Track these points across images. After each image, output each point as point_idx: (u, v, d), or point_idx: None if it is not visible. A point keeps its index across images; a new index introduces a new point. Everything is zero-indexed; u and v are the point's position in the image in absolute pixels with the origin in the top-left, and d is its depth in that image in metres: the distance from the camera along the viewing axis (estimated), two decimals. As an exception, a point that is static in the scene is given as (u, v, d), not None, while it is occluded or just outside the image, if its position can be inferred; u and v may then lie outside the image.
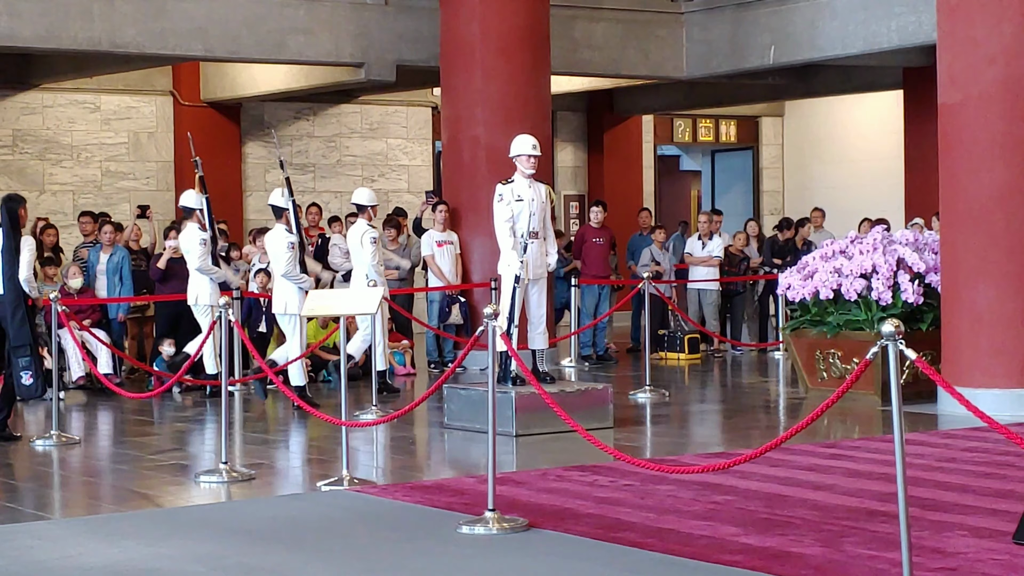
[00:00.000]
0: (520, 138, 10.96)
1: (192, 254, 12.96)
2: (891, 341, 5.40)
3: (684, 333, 16.59)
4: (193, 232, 12.99)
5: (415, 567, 6.26)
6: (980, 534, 6.55)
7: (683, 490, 7.81)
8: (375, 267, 12.98)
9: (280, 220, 12.29)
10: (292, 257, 12.14)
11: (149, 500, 8.28)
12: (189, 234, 13.03)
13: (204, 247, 12.92)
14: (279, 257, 12.18)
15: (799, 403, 12.61)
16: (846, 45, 16.69)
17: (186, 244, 13.08)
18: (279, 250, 12.19)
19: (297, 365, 12.16)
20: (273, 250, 12.33)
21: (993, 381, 11.13)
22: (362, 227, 13.14)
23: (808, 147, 24.41)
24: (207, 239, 12.97)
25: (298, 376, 12.23)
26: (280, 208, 12.27)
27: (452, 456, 10.20)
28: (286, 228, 12.22)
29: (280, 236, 12.23)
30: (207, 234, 12.97)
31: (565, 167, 22.85)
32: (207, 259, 12.95)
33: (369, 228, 13.11)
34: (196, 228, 13.00)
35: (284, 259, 12.13)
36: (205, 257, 12.93)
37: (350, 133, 20.90)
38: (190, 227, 13.06)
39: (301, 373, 12.27)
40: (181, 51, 15.65)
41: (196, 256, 12.92)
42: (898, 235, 12.87)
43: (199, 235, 12.94)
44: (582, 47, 17.83)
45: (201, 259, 12.91)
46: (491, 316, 7.23)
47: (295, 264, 12.16)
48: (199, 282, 13.00)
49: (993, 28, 11.16)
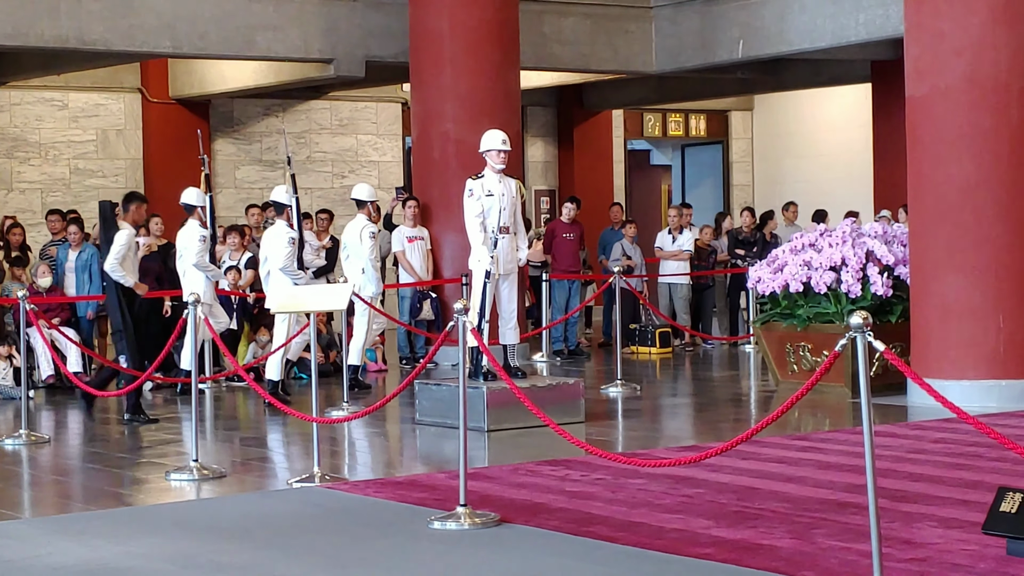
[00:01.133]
0: (490, 133, 10.96)
1: (190, 250, 13.00)
2: (860, 333, 5.42)
3: (655, 327, 16.62)
4: (194, 229, 13.05)
5: (387, 563, 6.26)
6: (949, 525, 6.59)
7: (654, 483, 7.82)
8: (373, 262, 13.13)
9: (281, 216, 12.41)
10: (291, 252, 12.24)
11: (119, 499, 8.26)
12: (189, 231, 13.09)
13: (203, 244, 12.98)
14: (278, 252, 12.27)
15: (770, 396, 12.66)
16: (814, 39, 16.74)
17: (185, 240, 13.13)
18: (278, 245, 12.28)
19: (276, 359, 12.19)
20: (272, 245, 12.41)
21: (962, 372, 11.19)
22: (361, 222, 13.33)
23: (778, 141, 24.47)
24: (207, 236, 13.02)
25: (275, 371, 12.25)
26: (282, 204, 12.40)
27: (424, 452, 10.20)
28: (287, 224, 12.33)
29: (281, 232, 12.32)
30: (207, 232, 13.03)
31: (535, 162, 22.85)
32: (205, 256, 12.99)
33: (368, 223, 13.32)
34: (197, 225, 13.05)
35: (283, 254, 12.23)
36: (203, 254, 12.97)
37: (320, 129, 20.85)
38: (191, 224, 13.11)
39: (279, 368, 12.29)
40: (149, 48, 15.58)
41: (194, 252, 12.96)
42: (867, 228, 12.92)
43: (199, 232, 12.99)
44: (551, 42, 17.84)
45: (199, 255, 12.94)
46: (462, 312, 7.23)
47: (293, 260, 12.28)
48: (196, 279, 13.04)
49: (960, 21, 11.21)
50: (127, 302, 11.26)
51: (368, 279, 13.24)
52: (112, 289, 11.31)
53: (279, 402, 9.60)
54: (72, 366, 13.45)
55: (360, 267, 13.20)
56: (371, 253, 13.16)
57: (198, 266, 12.94)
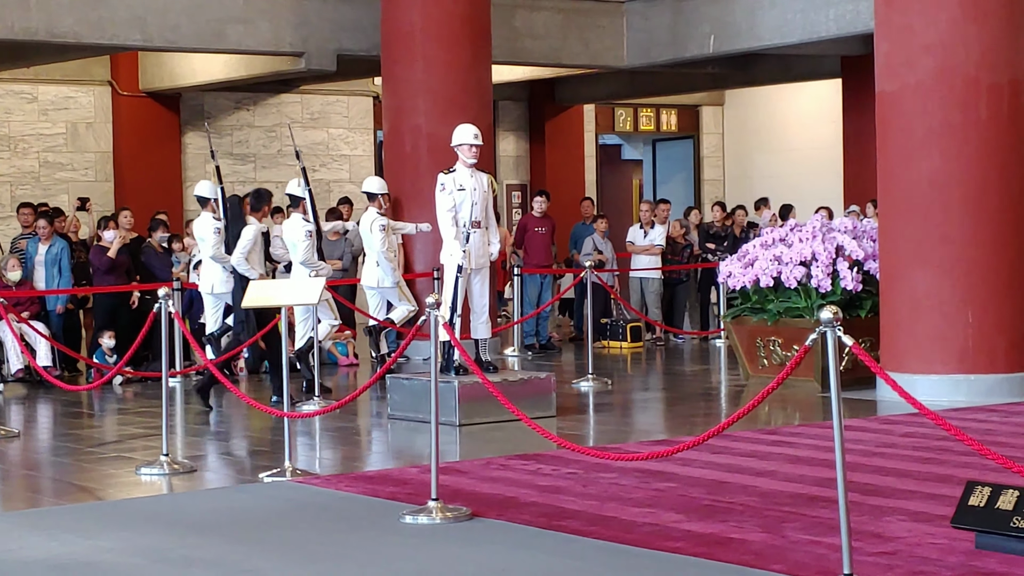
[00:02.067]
0: (461, 127, 10.96)
1: (207, 242, 13.09)
2: (829, 328, 5.45)
3: (626, 322, 16.65)
4: (208, 221, 13.13)
5: (358, 557, 6.26)
6: (919, 518, 6.63)
7: (626, 478, 7.84)
8: (384, 254, 13.24)
9: (297, 209, 12.50)
10: (310, 245, 12.35)
11: (90, 493, 8.23)
12: (203, 223, 13.18)
13: (219, 236, 13.02)
14: (297, 245, 12.39)
15: (740, 390, 12.70)
16: (785, 34, 16.78)
17: (200, 232, 13.23)
18: (297, 238, 12.38)
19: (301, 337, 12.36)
20: (291, 238, 12.51)
21: (930, 367, 11.25)
22: (372, 215, 13.49)
23: (748, 136, 24.54)
24: (221, 228, 13.06)
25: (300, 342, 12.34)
26: (297, 197, 12.50)
27: (395, 446, 10.20)
28: (303, 217, 12.43)
29: (298, 224, 12.42)
30: (222, 223, 13.07)
31: (507, 156, 22.85)
32: (220, 247, 13.03)
33: (379, 216, 13.40)
34: (211, 217, 13.13)
35: (303, 247, 12.34)
36: (219, 246, 13.01)
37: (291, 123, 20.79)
38: (204, 216, 13.21)
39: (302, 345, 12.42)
40: (119, 41, 15.50)
41: (211, 244, 13.04)
42: (837, 223, 12.97)
43: (214, 224, 13.06)
44: (523, 36, 17.84)
45: (215, 247, 13.01)
46: (434, 306, 7.23)
47: (313, 252, 12.38)
48: (213, 270, 13.12)
49: (930, 17, 11.26)
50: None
51: (384, 271, 13.34)
52: (237, 282, 11.86)
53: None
54: (42, 360, 13.39)
55: (375, 260, 13.31)
56: (382, 245, 13.29)
57: (214, 258, 13.06)
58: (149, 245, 14.88)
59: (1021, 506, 5.79)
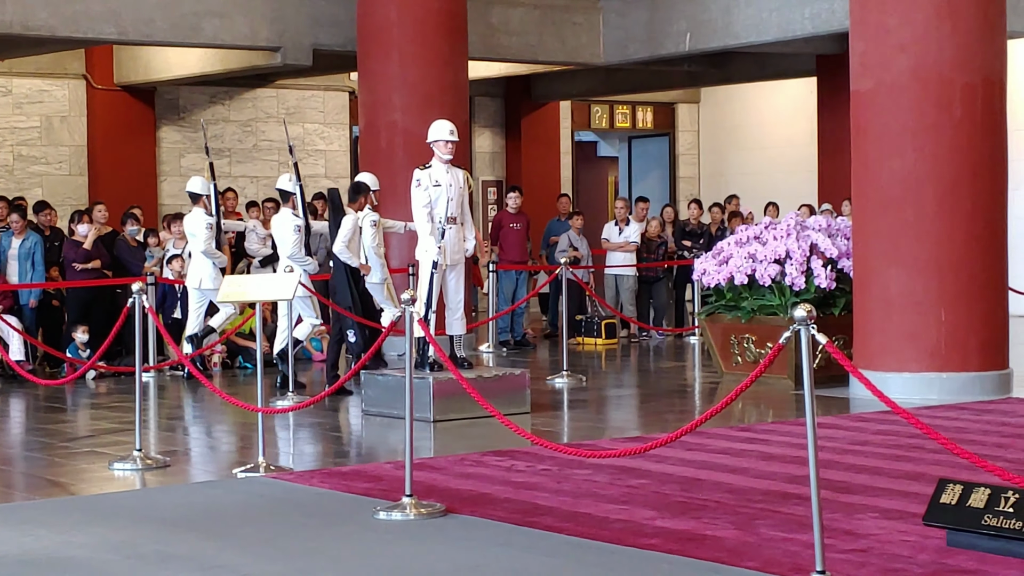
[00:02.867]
0: (437, 123, 10.95)
1: (198, 237, 13.22)
2: (803, 326, 5.47)
3: (601, 318, 16.67)
4: (199, 216, 13.26)
5: (332, 553, 6.25)
6: (891, 516, 6.65)
7: (600, 474, 7.85)
8: (376, 249, 13.20)
9: (287, 204, 12.59)
10: (298, 240, 12.43)
11: (62, 488, 8.20)
12: (195, 218, 13.31)
13: (210, 231, 13.19)
14: (286, 240, 12.45)
15: (714, 387, 12.73)
16: (760, 32, 16.82)
17: (192, 228, 13.34)
18: (286, 233, 12.45)
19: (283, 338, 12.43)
20: (280, 233, 12.58)
21: (903, 365, 11.29)
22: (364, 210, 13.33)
23: (724, 134, 24.58)
24: (213, 224, 13.23)
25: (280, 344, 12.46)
26: (287, 192, 12.58)
27: (369, 442, 10.19)
28: (293, 212, 12.52)
29: (287, 219, 12.50)
30: (213, 219, 13.24)
31: (483, 153, 22.85)
32: (211, 243, 13.21)
33: (370, 212, 13.32)
34: (202, 212, 13.28)
35: (291, 241, 12.40)
36: (210, 241, 13.19)
37: (266, 118, 20.75)
38: (196, 211, 13.36)
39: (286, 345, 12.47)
40: (94, 34, 15.43)
41: (202, 240, 13.18)
42: (811, 221, 13.01)
43: (205, 219, 13.22)
44: (499, 33, 17.83)
45: (207, 243, 13.16)
46: (409, 302, 7.23)
47: (301, 247, 12.45)
48: (202, 265, 13.23)
49: (905, 17, 11.30)
50: (353, 281, 12.17)
51: (373, 267, 13.33)
52: (340, 269, 12.20)
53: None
54: (14, 354, 13.32)
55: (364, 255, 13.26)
56: (373, 241, 13.21)
57: (206, 253, 13.18)
58: (123, 239, 14.83)
59: (992, 504, 5.82)
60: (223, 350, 14.10)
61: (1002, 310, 11.59)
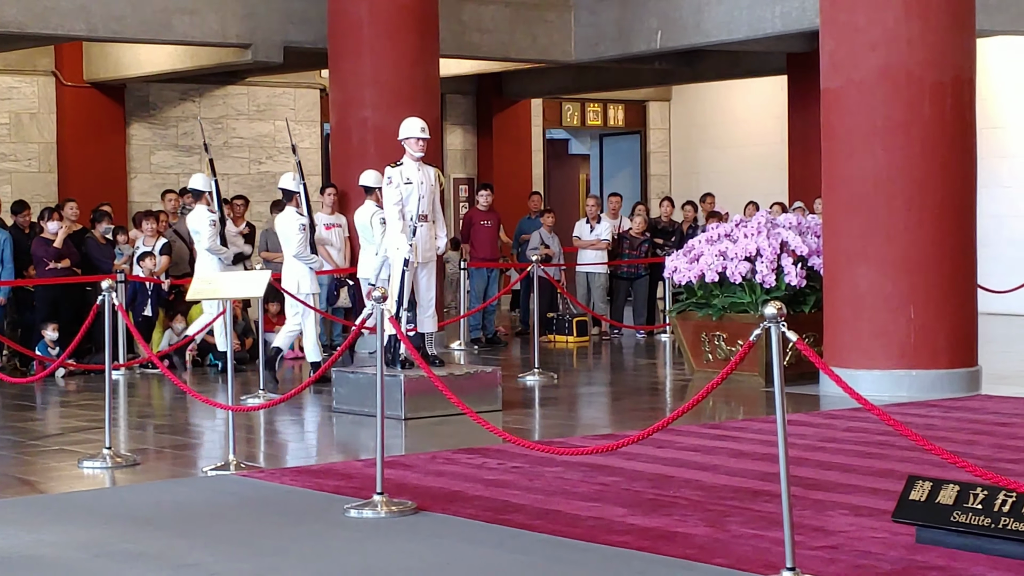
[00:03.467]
0: (409, 121, 10.95)
1: (202, 235, 13.24)
2: (773, 323, 5.48)
3: (572, 316, 16.68)
4: (203, 213, 13.28)
5: (302, 551, 6.24)
6: (860, 512, 6.68)
7: (571, 472, 7.86)
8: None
9: (290, 203, 12.66)
10: (303, 238, 12.50)
11: (31, 486, 8.16)
12: (198, 215, 13.32)
13: (214, 228, 13.19)
14: (291, 238, 12.52)
15: (685, 384, 12.75)
16: (731, 31, 16.86)
17: (196, 225, 13.34)
18: (291, 231, 12.52)
19: (313, 341, 12.56)
20: (284, 231, 12.63)
21: (873, 362, 11.34)
22: (371, 208, 13.50)
23: (695, 131, 24.63)
24: (216, 220, 13.24)
25: (314, 352, 12.59)
26: (291, 191, 12.66)
27: (340, 440, 10.18)
28: (296, 210, 12.59)
29: (291, 218, 12.59)
30: (216, 215, 13.25)
31: (454, 150, 22.83)
32: (216, 240, 13.23)
33: (378, 209, 13.39)
34: (205, 210, 13.30)
35: (296, 240, 12.47)
36: (215, 238, 13.20)
37: (237, 115, 20.69)
38: (199, 209, 13.38)
39: (317, 349, 12.61)
40: (63, 31, 15.36)
41: (206, 237, 13.21)
42: (781, 219, 13.05)
43: (209, 216, 13.23)
44: (471, 30, 17.82)
45: (211, 240, 13.18)
46: (379, 299, 7.22)
47: (306, 245, 12.54)
48: (209, 263, 13.20)
49: (874, 15, 11.34)
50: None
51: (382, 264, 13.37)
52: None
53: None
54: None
55: (372, 251, 13.29)
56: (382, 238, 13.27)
57: (211, 250, 13.21)
58: (92, 237, 14.76)
59: (961, 501, 5.85)
60: (193, 347, 14.05)
61: (971, 308, 11.65)
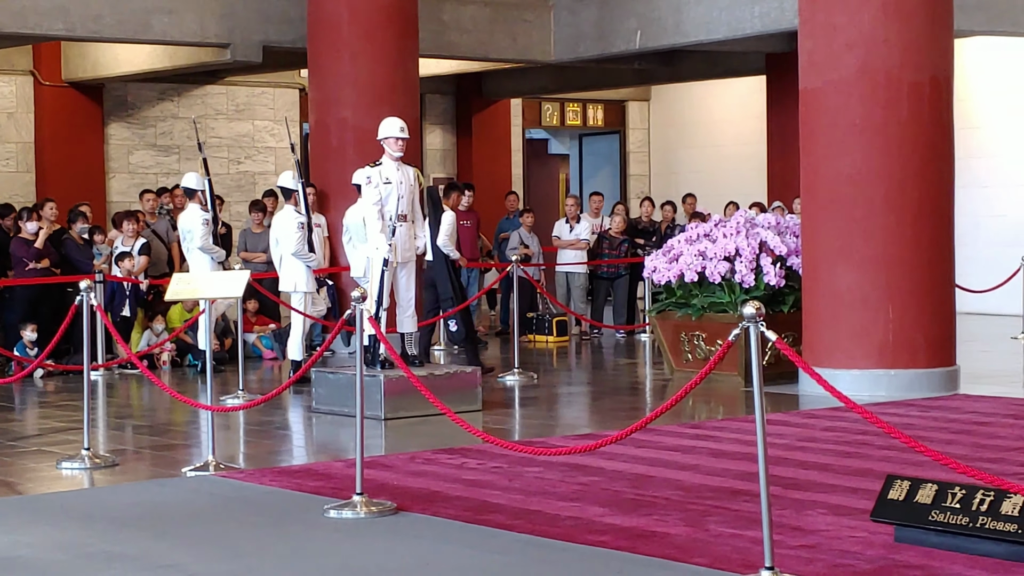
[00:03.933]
0: (388, 120, 10.94)
1: (195, 234, 13.23)
2: (752, 323, 5.49)
3: (552, 316, 16.69)
4: (196, 212, 13.28)
5: (282, 551, 6.23)
6: (839, 512, 6.70)
7: (550, 471, 7.87)
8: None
9: (289, 201, 12.77)
10: (302, 237, 12.61)
11: (9, 487, 8.13)
12: (191, 215, 13.32)
13: (207, 227, 13.20)
14: (289, 237, 12.60)
15: (664, 384, 12.77)
16: (711, 31, 16.89)
17: (188, 224, 13.33)
18: (290, 230, 12.62)
19: (297, 339, 12.62)
20: (283, 230, 12.69)
21: (852, 362, 11.37)
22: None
23: (674, 131, 24.66)
24: (209, 219, 13.25)
25: (297, 351, 12.62)
26: (289, 189, 12.77)
27: (320, 440, 10.16)
28: (295, 209, 12.69)
29: (290, 216, 12.68)
30: (209, 214, 13.26)
31: (434, 150, 22.82)
32: (209, 239, 13.22)
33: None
34: (198, 209, 13.29)
35: (294, 238, 12.58)
36: (208, 237, 13.20)
37: (216, 114, 20.64)
38: (192, 208, 13.38)
39: (300, 348, 12.64)
40: (41, 30, 15.30)
41: (199, 236, 13.19)
42: (760, 219, 13.08)
43: (202, 215, 13.23)
44: (450, 30, 17.81)
45: (204, 239, 13.18)
46: (359, 299, 7.21)
47: (304, 243, 12.63)
48: (202, 262, 13.22)
49: (853, 15, 11.37)
50: (454, 273, 12.86)
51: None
52: (441, 261, 12.74)
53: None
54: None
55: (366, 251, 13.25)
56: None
57: (204, 249, 13.20)
58: (70, 237, 14.71)
59: (939, 500, 5.87)
60: (172, 348, 14.02)
61: (949, 307, 11.69)
